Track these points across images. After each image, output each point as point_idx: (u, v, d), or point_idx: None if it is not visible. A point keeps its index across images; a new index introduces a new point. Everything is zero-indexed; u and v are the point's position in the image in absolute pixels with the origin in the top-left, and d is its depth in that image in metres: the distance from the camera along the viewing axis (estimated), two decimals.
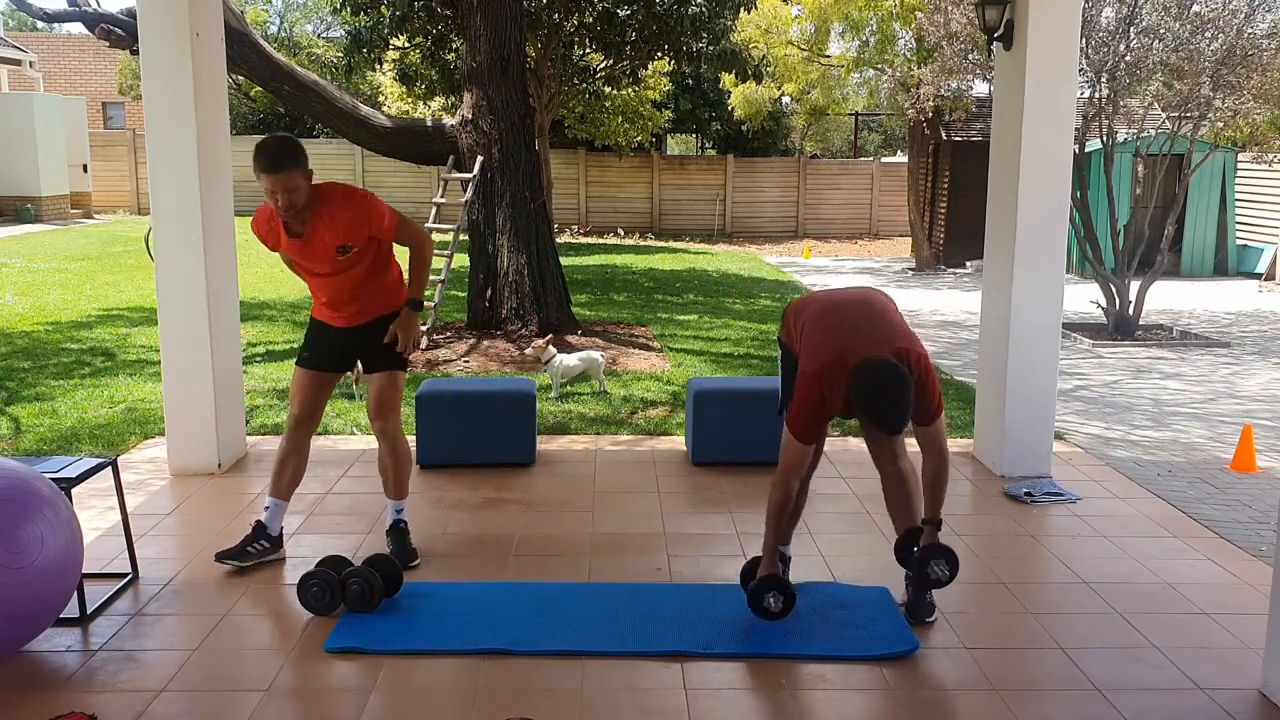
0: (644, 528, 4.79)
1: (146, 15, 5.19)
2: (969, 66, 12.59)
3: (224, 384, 5.54)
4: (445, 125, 9.89)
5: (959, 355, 9.65)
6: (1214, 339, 10.70)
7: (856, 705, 3.27)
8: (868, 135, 29.58)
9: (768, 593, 3.68)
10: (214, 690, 3.32)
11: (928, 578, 3.65)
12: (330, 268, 4.07)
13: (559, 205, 21.95)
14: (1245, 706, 3.27)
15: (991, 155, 5.71)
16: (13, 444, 6.08)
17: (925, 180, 18.59)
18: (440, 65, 14.79)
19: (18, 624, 3.34)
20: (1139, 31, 10.41)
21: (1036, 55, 5.27)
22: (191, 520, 4.85)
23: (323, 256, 4.04)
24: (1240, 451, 6.02)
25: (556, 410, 6.89)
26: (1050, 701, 3.31)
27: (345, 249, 4.02)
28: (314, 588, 3.80)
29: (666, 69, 19.43)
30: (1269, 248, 16.13)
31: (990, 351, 5.79)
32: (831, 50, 18.77)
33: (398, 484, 4.34)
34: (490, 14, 9.04)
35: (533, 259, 9.20)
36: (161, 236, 5.36)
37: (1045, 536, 4.78)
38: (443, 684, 3.37)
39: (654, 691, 3.33)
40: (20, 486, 3.36)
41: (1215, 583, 4.25)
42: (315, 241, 4.01)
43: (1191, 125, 10.96)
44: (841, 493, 5.29)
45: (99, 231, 19.81)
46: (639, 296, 13.15)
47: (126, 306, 11.10)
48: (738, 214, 24.18)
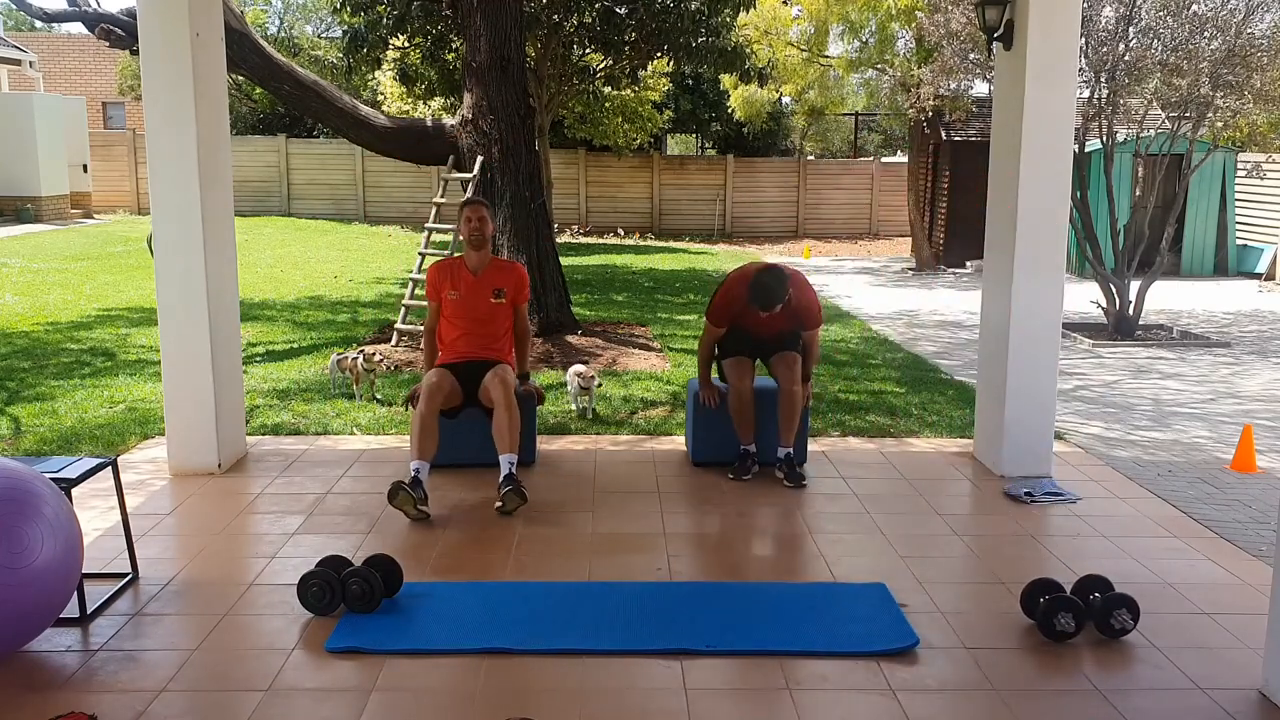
0: (644, 528, 4.79)
1: (146, 15, 5.19)
2: (969, 66, 12.59)
3: (224, 384, 5.55)
4: (445, 125, 9.89)
5: (959, 355, 9.65)
6: (1214, 339, 10.70)
7: (856, 705, 3.27)
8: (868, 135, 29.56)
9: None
10: (214, 690, 3.32)
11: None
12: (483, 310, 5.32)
13: (559, 205, 21.95)
14: (1245, 706, 3.28)
15: (991, 155, 5.71)
16: (13, 444, 6.08)
17: (925, 180, 18.59)
18: (440, 65, 14.78)
19: (18, 624, 3.34)
20: (1138, 31, 10.41)
21: (1036, 55, 5.27)
22: (191, 520, 4.85)
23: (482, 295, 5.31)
24: (1240, 452, 6.02)
25: (557, 410, 6.89)
26: (1050, 701, 3.31)
27: (499, 293, 5.33)
28: (314, 588, 3.80)
29: (666, 69, 19.44)
30: (1269, 248, 16.13)
31: (990, 351, 5.79)
32: (831, 51, 18.77)
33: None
34: (490, 14, 9.04)
35: (533, 259, 9.20)
36: (161, 236, 5.36)
37: (1045, 536, 4.79)
38: (443, 684, 3.37)
39: (654, 691, 3.33)
40: (20, 486, 3.36)
41: (1215, 583, 4.25)
42: (484, 279, 5.31)
43: (1191, 125, 10.96)
44: (841, 492, 5.30)
45: (99, 231, 19.81)
46: (639, 296, 13.15)
47: (126, 306, 11.10)
48: (738, 214, 24.18)
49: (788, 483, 5.35)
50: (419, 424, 4.99)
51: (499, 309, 5.35)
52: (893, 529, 4.79)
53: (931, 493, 5.35)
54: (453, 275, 5.34)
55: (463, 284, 5.31)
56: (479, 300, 5.30)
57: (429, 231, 9.98)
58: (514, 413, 5.05)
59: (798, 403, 5.36)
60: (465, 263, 5.35)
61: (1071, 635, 3.66)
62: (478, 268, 5.32)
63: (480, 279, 5.32)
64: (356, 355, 7.18)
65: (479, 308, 5.30)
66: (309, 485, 5.33)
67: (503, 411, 5.03)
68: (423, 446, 4.95)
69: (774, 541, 4.68)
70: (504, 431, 5.01)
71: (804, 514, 4.99)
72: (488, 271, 5.34)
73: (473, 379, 5.22)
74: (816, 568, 4.38)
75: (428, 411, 5.01)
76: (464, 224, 5.32)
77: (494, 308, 5.33)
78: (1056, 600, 3.68)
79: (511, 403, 5.05)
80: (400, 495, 4.73)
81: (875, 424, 6.73)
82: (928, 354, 9.64)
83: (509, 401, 5.04)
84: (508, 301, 5.37)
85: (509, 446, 5.00)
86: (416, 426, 4.99)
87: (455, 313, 5.32)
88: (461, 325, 5.29)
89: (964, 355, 9.58)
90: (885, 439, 6.41)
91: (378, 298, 12.46)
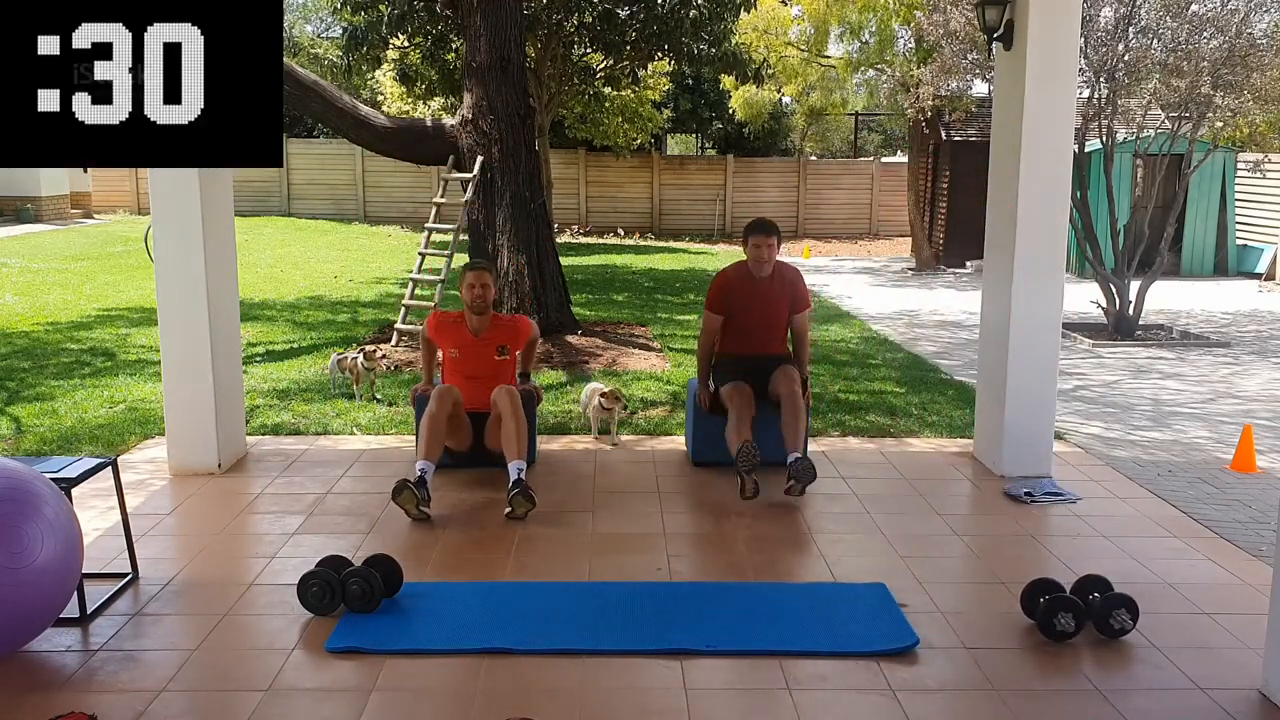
0: (644, 528, 4.79)
1: None
2: (969, 66, 12.59)
3: (224, 384, 5.54)
4: (445, 125, 9.89)
5: (959, 355, 9.65)
6: (1214, 339, 10.70)
7: (856, 705, 3.27)
8: (868, 135, 29.57)
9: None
10: (214, 690, 3.33)
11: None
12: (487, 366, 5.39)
13: (559, 205, 21.94)
14: (1245, 706, 3.28)
15: (991, 155, 5.71)
16: (13, 444, 6.08)
17: (925, 180, 18.59)
18: (440, 65, 14.79)
19: (18, 624, 3.34)
20: (1138, 31, 10.41)
21: (1036, 55, 5.27)
22: (191, 520, 4.85)
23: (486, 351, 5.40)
24: (1240, 451, 6.02)
25: (557, 410, 6.89)
26: (1050, 701, 3.31)
27: (503, 350, 5.42)
28: (314, 588, 3.80)
29: (666, 69, 19.43)
30: (1269, 248, 16.12)
31: (990, 351, 5.79)
32: (831, 51, 18.77)
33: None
34: (490, 14, 9.04)
35: (533, 259, 9.20)
36: (161, 236, 5.35)
37: (1045, 536, 4.79)
38: (443, 684, 3.37)
39: (654, 691, 3.33)
40: (20, 486, 3.36)
41: (1215, 583, 4.25)
42: (486, 339, 5.40)
43: (1191, 125, 10.96)
44: (841, 492, 5.29)
45: (99, 231, 19.81)
46: (639, 296, 13.15)
47: (126, 306, 11.10)
48: (738, 214, 24.16)
49: (797, 486, 5.02)
50: (428, 424, 5.01)
51: (503, 364, 5.45)
52: (893, 529, 4.79)
53: (931, 493, 5.35)
54: (455, 335, 5.43)
55: (465, 345, 5.40)
56: (482, 359, 5.39)
57: (429, 231, 9.98)
58: (521, 421, 5.11)
59: (800, 403, 5.30)
60: (466, 324, 5.41)
61: (1071, 635, 3.66)
62: (479, 329, 5.40)
63: (482, 340, 5.41)
64: (356, 355, 7.18)
65: (483, 365, 5.39)
66: (309, 485, 5.33)
67: (510, 420, 5.08)
68: (430, 447, 4.97)
69: (774, 541, 4.68)
70: (512, 439, 5.06)
71: (804, 514, 4.99)
72: (489, 332, 5.42)
73: (479, 428, 5.34)
74: (816, 568, 4.38)
75: (438, 412, 5.04)
76: (466, 289, 5.36)
77: (498, 364, 5.42)
78: (1056, 600, 3.68)
79: (519, 411, 5.12)
80: (405, 493, 4.73)
81: (875, 424, 6.73)
82: (928, 354, 9.64)
83: (516, 410, 5.10)
84: (511, 356, 5.50)
85: (517, 453, 5.03)
86: (426, 427, 5.01)
87: (457, 369, 5.42)
88: (464, 380, 5.36)
89: (964, 355, 9.58)
90: (885, 439, 6.41)
91: (378, 298, 12.46)
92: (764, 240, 5.42)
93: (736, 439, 5.16)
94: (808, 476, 5.00)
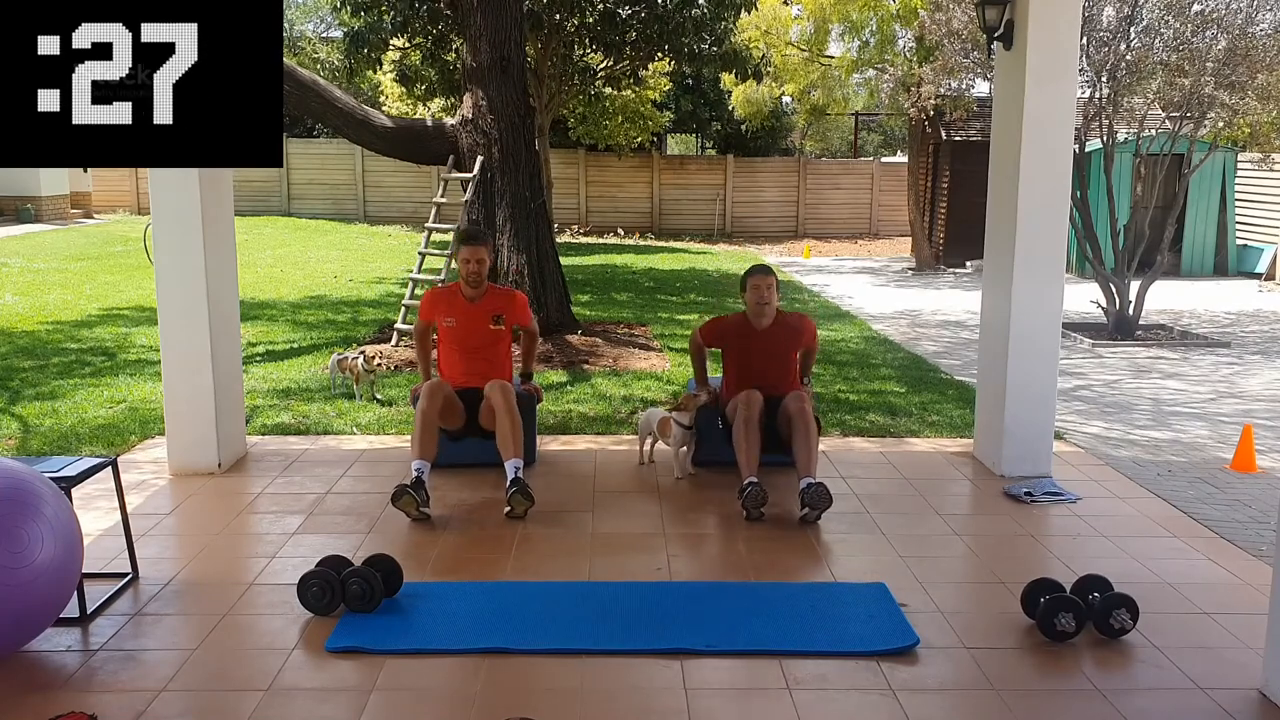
0: (644, 528, 4.79)
1: None
2: (969, 66, 12.58)
3: (224, 384, 5.54)
4: (445, 125, 9.89)
5: (959, 355, 9.65)
6: (1214, 339, 10.69)
7: (856, 705, 3.27)
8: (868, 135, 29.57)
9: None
10: (214, 690, 3.33)
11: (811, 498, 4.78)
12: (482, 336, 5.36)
13: (559, 205, 21.94)
14: (1245, 706, 3.27)
15: (991, 155, 5.70)
16: (14, 444, 6.08)
17: (925, 180, 18.59)
18: (440, 65, 14.78)
19: (18, 624, 3.34)
20: (1139, 31, 10.41)
21: (1036, 55, 5.27)
22: (191, 520, 4.85)
23: (481, 320, 5.35)
24: (1240, 451, 6.02)
25: (557, 410, 6.89)
26: (1050, 701, 3.31)
27: (498, 319, 5.37)
28: (314, 588, 3.80)
29: (667, 69, 19.42)
30: (1269, 248, 16.12)
31: (990, 351, 5.79)
32: (832, 50, 18.76)
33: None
34: (490, 14, 9.04)
35: (533, 259, 9.20)
36: (161, 236, 5.35)
37: (1045, 536, 4.78)
38: (443, 684, 3.37)
39: (654, 691, 3.33)
40: (20, 486, 3.36)
41: (1215, 583, 4.25)
42: (481, 306, 5.34)
43: (1192, 125, 10.96)
44: (841, 492, 5.29)
45: (99, 231, 19.81)
46: (639, 296, 13.15)
47: (126, 306, 11.10)
48: (738, 214, 24.19)
49: (813, 514, 4.81)
50: (421, 422, 4.99)
51: (498, 335, 5.39)
52: (893, 529, 4.79)
53: (931, 493, 5.35)
54: (449, 303, 5.39)
55: (459, 311, 5.36)
56: (477, 326, 5.34)
57: (429, 231, 9.98)
58: (516, 419, 5.07)
59: (811, 422, 5.00)
60: (461, 292, 5.39)
61: (1071, 635, 3.66)
62: (475, 297, 5.38)
63: (477, 306, 5.36)
64: (357, 355, 7.18)
65: (477, 334, 5.34)
66: (309, 485, 5.33)
67: (505, 418, 5.03)
68: (424, 446, 4.96)
69: (774, 541, 4.68)
70: (508, 438, 5.02)
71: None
72: (485, 299, 5.39)
73: (473, 405, 5.25)
74: (816, 567, 4.38)
75: (429, 408, 5.02)
76: (461, 264, 5.35)
77: (493, 334, 5.37)
78: (1056, 600, 3.68)
79: (514, 409, 5.08)
80: (404, 498, 4.72)
81: (876, 424, 6.73)
82: (928, 354, 9.64)
83: (511, 408, 5.06)
84: (507, 327, 5.43)
85: (514, 452, 4.99)
86: (419, 425, 5.00)
87: (453, 340, 5.38)
88: (460, 353, 5.35)
89: (964, 355, 9.58)
90: (886, 439, 6.41)
91: (378, 298, 12.46)
92: (763, 280, 5.26)
93: (745, 469, 4.94)
94: (823, 504, 4.76)
